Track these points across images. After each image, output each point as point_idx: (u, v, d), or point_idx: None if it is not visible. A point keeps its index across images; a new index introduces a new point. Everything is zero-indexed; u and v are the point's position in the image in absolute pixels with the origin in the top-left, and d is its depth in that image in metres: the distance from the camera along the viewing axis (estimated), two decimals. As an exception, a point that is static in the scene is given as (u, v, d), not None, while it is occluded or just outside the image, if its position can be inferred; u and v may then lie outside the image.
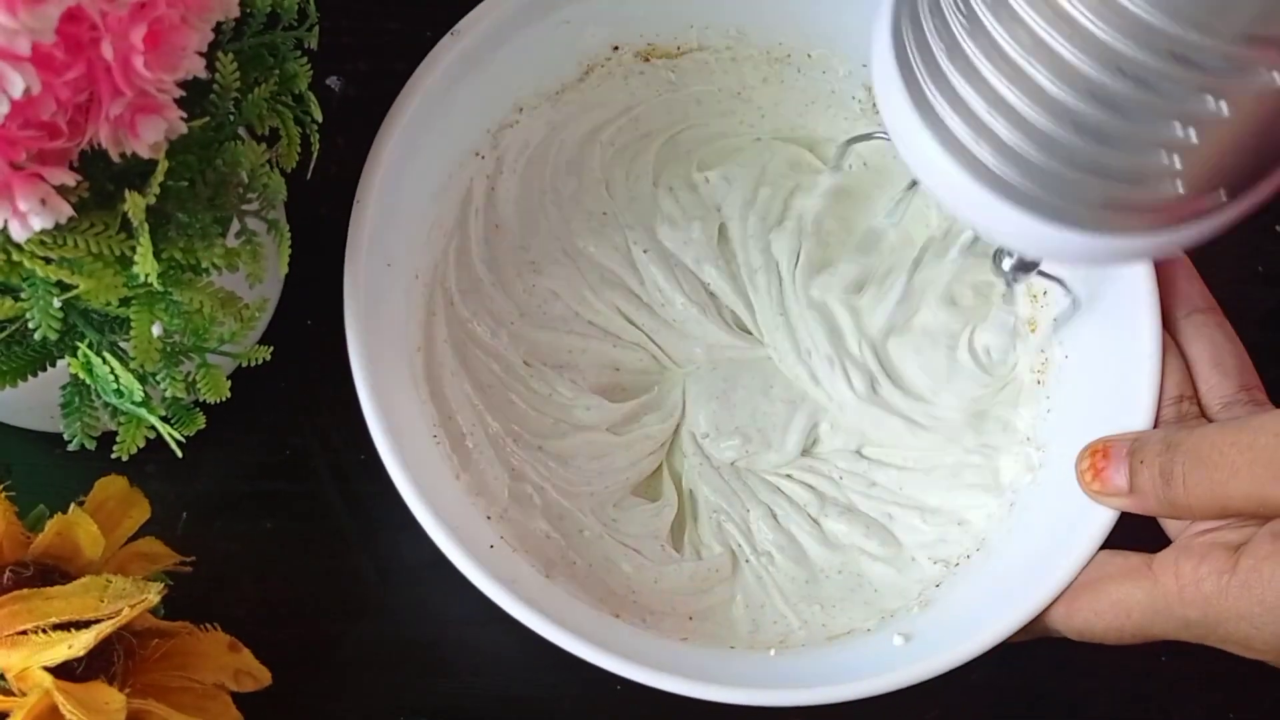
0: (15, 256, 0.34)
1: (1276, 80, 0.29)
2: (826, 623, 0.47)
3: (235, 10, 0.35)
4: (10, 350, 0.38)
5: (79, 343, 0.37)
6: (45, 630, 0.38)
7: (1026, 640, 0.43)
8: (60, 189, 0.33)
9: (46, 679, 0.38)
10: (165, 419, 0.38)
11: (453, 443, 0.46)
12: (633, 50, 0.52)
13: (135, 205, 0.34)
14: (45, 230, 0.33)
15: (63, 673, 0.38)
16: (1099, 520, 0.42)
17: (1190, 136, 0.30)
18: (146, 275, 0.34)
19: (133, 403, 0.38)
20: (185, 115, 0.34)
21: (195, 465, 0.44)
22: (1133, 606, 0.40)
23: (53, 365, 0.39)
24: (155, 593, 0.40)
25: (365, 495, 0.49)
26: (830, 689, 0.41)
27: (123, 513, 0.43)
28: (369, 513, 0.49)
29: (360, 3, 0.55)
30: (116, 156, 0.33)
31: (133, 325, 0.36)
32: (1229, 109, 0.30)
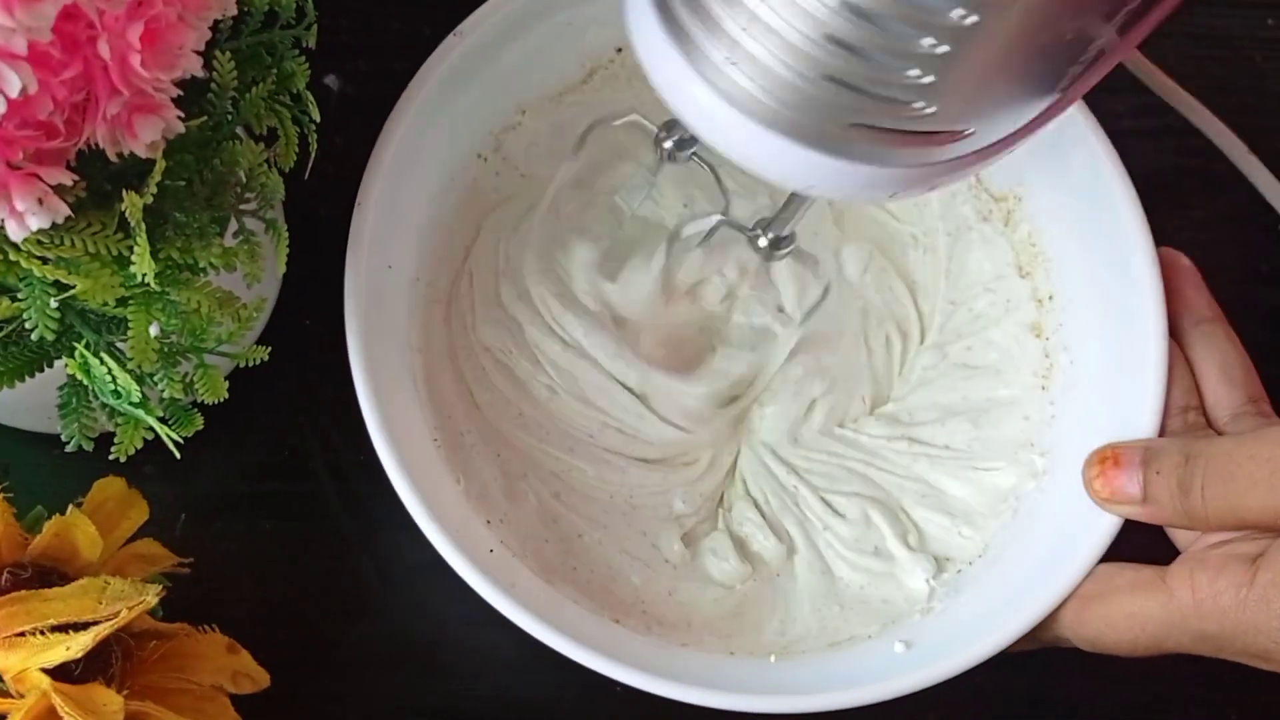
0: (12, 256, 0.34)
1: None
2: (841, 627, 0.46)
3: (233, 8, 0.35)
4: (7, 351, 0.38)
5: (76, 343, 0.37)
6: (43, 632, 0.38)
7: (1032, 650, 0.43)
8: (57, 189, 0.33)
9: (44, 681, 0.38)
10: (163, 420, 0.38)
11: (452, 446, 0.46)
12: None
13: (132, 205, 0.34)
14: (42, 230, 0.33)
15: (61, 674, 0.38)
16: (1102, 529, 0.42)
17: (937, 50, 0.30)
18: (144, 275, 0.34)
19: (130, 403, 0.38)
20: (182, 114, 0.34)
21: (193, 466, 0.44)
22: (1147, 620, 0.40)
23: (50, 366, 0.38)
24: (153, 594, 0.40)
25: (364, 496, 0.49)
26: (831, 695, 0.41)
27: (121, 514, 0.43)
28: (368, 513, 0.49)
29: (359, 2, 0.55)
30: (114, 156, 0.33)
31: (130, 325, 0.36)
32: (976, 20, 0.29)
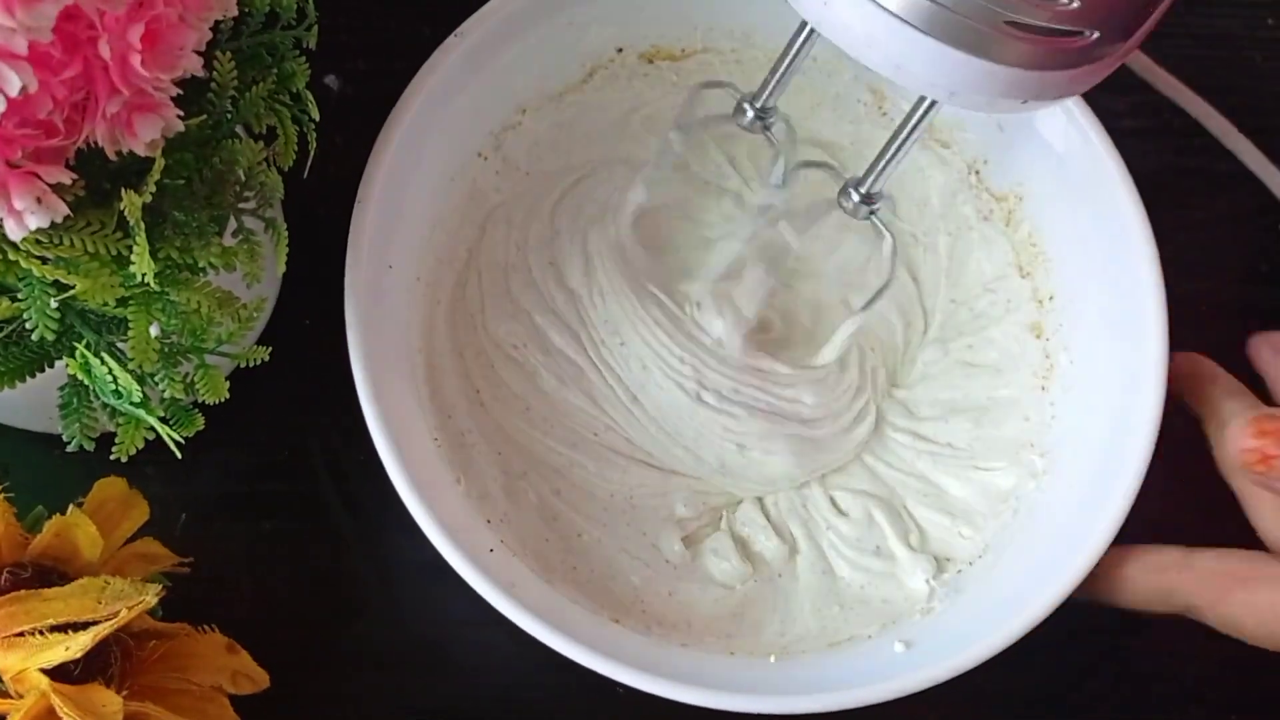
0: (11, 256, 0.34)
1: None
2: (841, 627, 0.46)
3: (234, 9, 0.35)
4: (8, 351, 0.38)
5: (76, 343, 0.37)
6: (43, 632, 0.38)
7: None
8: (56, 188, 0.33)
9: (43, 681, 0.38)
10: (164, 420, 0.38)
11: (453, 445, 0.46)
12: (637, 52, 0.52)
13: (132, 204, 0.34)
14: (41, 229, 0.33)
15: (60, 675, 0.38)
16: (1101, 530, 0.42)
17: None
18: (143, 275, 0.34)
19: (131, 403, 0.38)
20: (182, 113, 0.34)
21: (194, 466, 0.44)
22: None
23: (50, 366, 0.38)
24: (153, 594, 0.40)
25: (364, 496, 0.49)
26: (831, 695, 0.41)
27: (121, 514, 0.43)
28: (368, 514, 0.49)
29: (359, 2, 0.55)
30: (113, 155, 0.33)
31: (130, 325, 0.36)
32: None
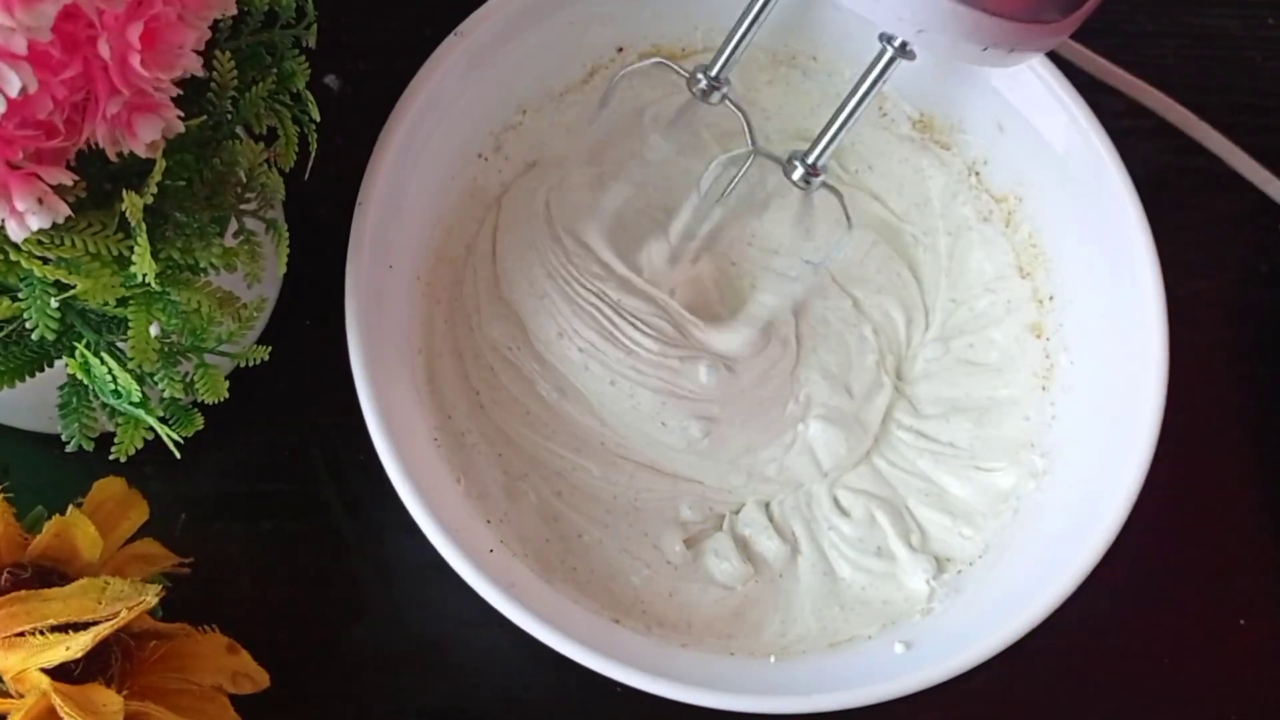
0: (13, 256, 0.34)
1: None
2: (842, 627, 0.46)
3: (233, 8, 0.35)
4: (8, 351, 0.38)
5: (77, 343, 0.37)
6: (43, 632, 0.38)
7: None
8: (57, 188, 0.33)
9: (44, 681, 0.38)
10: (163, 420, 0.38)
11: (453, 445, 0.46)
12: (637, 52, 0.52)
13: (133, 205, 0.34)
14: (42, 230, 0.33)
15: (60, 674, 0.38)
16: (1101, 531, 0.42)
17: None
18: (144, 275, 0.34)
19: (131, 403, 0.38)
20: (182, 114, 0.34)
21: (193, 466, 0.44)
22: None
23: (50, 366, 0.38)
24: (153, 594, 0.40)
25: (364, 496, 0.49)
26: (830, 696, 0.41)
27: (121, 514, 0.43)
28: (368, 514, 0.49)
29: (360, 1, 0.55)
30: (114, 156, 0.33)
31: (130, 325, 0.36)
32: None
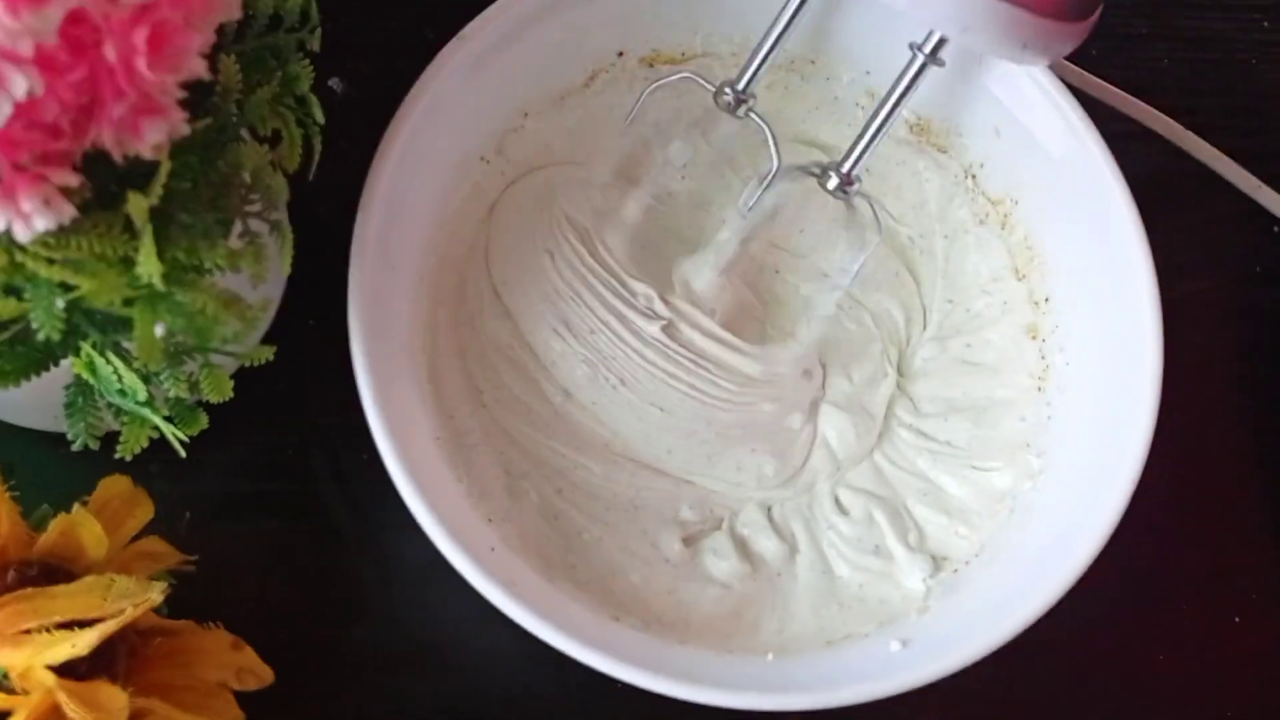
0: (18, 257, 0.34)
1: None
2: (839, 625, 0.47)
3: (238, 12, 0.35)
4: (13, 350, 0.38)
5: (82, 343, 0.37)
6: (49, 629, 0.38)
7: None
8: (63, 190, 0.33)
9: (50, 678, 0.38)
10: (169, 419, 0.39)
11: (454, 445, 0.46)
12: (637, 56, 0.52)
13: (138, 206, 0.34)
14: (48, 231, 0.33)
15: (66, 672, 0.38)
16: (1097, 531, 0.42)
17: None
18: (149, 276, 0.35)
19: (136, 403, 0.38)
20: (188, 116, 0.34)
21: (198, 465, 0.44)
22: None
23: (56, 365, 0.39)
24: (158, 592, 0.40)
25: (367, 495, 0.49)
26: (828, 693, 0.41)
27: (126, 512, 0.43)
28: (370, 513, 0.49)
29: (362, 4, 0.55)
30: (119, 158, 0.33)
31: (136, 325, 0.36)
32: None
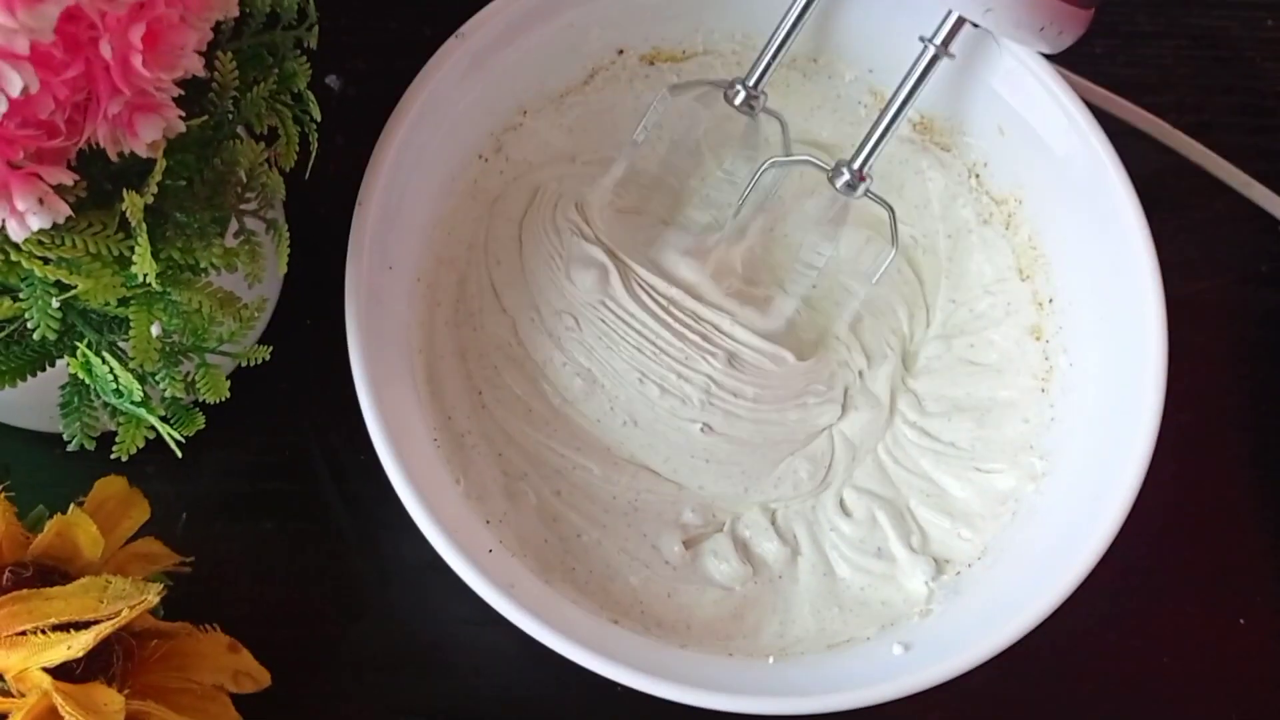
0: (13, 256, 0.34)
1: None
2: (840, 628, 0.46)
3: (235, 10, 0.35)
4: (9, 350, 0.38)
5: (78, 343, 0.37)
6: (44, 631, 0.38)
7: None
8: (58, 188, 0.33)
9: (45, 680, 0.38)
10: (165, 419, 0.38)
11: (452, 446, 0.46)
12: (637, 54, 0.51)
13: (133, 205, 0.34)
14: (43, 230, 0.33)
15: (62, 674, 0.38)
16: (1099, 533, 0.42)
17: None
18: (145, 275, 0.35)
19: (132, 403, 0.38)
20: (183, 114, 0.34)
21: (195, 466, 0.44)
22: None
23: (52, 365, 0.39)
24: (154, 593, 0.40)
25: (364, 496, 0.49)
26: (829, 697, 0.41)
27: (122, 513, 0.43)
28: (368, 513, 0.49)
29: (360, 1, 0.55)
30: (114, 155, 0.33)
31: (131, 325, 0.36)
32: None
